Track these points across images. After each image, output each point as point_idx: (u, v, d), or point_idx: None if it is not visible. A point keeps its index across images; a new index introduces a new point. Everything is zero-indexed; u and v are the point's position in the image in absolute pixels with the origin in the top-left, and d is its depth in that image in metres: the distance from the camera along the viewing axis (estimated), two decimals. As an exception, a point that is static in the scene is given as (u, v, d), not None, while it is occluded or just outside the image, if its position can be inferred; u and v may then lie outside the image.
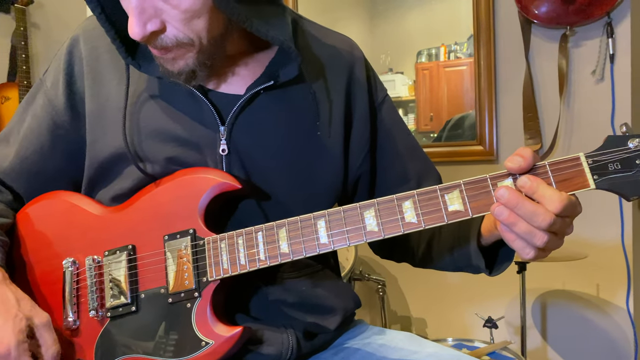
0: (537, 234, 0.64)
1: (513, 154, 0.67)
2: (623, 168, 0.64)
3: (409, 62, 2.23)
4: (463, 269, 0.89)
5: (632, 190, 0.64)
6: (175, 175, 0.83)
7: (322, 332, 0.89)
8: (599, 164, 0.65)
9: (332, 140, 0.88)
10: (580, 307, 1.98)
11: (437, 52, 2.18)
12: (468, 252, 0.83)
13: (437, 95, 2.17)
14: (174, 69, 0.77)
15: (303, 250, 0.74)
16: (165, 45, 0.73)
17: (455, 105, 2.14)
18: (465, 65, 2.10)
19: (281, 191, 0.85)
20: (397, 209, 0.71)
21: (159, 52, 0.75)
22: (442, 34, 2.17)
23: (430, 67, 2.19)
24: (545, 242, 0.65)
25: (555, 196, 0.64)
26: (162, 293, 0.79)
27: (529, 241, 0.65)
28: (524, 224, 0.64)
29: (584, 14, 1.83)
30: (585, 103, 1.90)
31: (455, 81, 2.14)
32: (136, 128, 0.83)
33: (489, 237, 0.80)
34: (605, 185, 0.65)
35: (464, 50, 2.12)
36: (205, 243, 0.78)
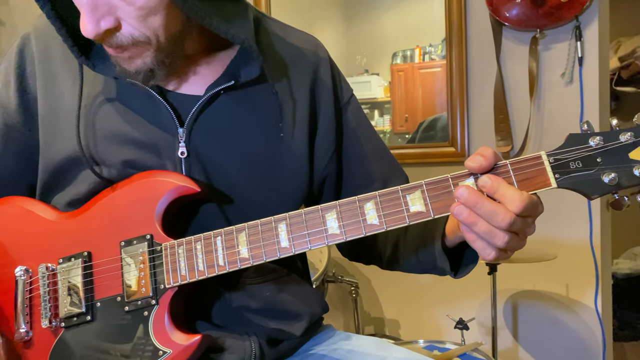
0: (498, 234, 0.64)
1: (474, 154, 0.66)
2: (584, 166, 0.64)
3: (384, 63, 2.23)
4: (429, 271, 0.88)
5: (593, 189, 0.64)
6: (132, 179, 0.80)
7: (287, 338, 0.87)
8: (561, 163, 0.65)
9: (296, 141, 0.86)
10: (550, 307, 2.00)
11: (412, 53, 2.18)
12: (433, 254, 0.82)
13: (412, 97, 2.17)
14: (130, 68, 0.74)
15: (263, 255, 0.72)
16: (120, 43, 0.71)
17: (430, 107, 2.15)
18: (439, 67, 2.11)
19: (244, 194, 0.82)
20: (359, 211, 0.69)
21: (114, 50, 0.72)
22: (416, 36, 2.18)
23: (405, 68, 2.20)
24: (505, 242, 0.64)
25: (516, 196, 0.63)
26: (119, 301, 0.76)
27: (489, 241, 0.64)
28: (484, 224, 0.63)
29: (554, 17, 1.85)
30: (555, 105, 1.92)
31: (429, 83, 2.15)
32: (91, 130, 0.80)
33: (453, 238, 0.79)
34: (567, 184, 0.64)
35: (438, 52, 2.13)
36: (163, 249, 0.76)
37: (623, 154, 0.63)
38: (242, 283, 0.83)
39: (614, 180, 0.62)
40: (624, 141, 0.63)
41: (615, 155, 0.63)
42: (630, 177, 0.62)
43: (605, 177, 0.63)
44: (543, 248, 1.73)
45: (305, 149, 0.87)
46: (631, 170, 0.62)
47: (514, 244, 0.65)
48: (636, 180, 0.62)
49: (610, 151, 0.63)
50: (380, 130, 2.25)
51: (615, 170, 0.63)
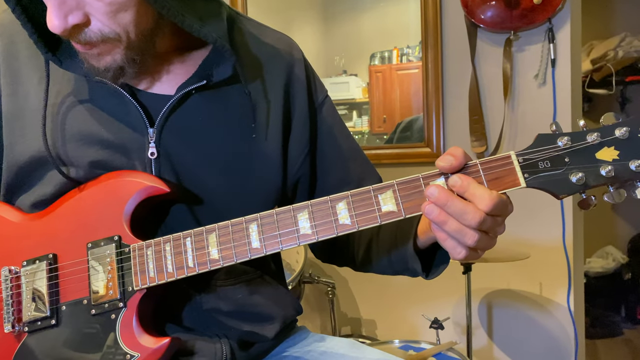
0: (468, 233, 0.64)
1: (445, 153, 0.66)
2: (553, 166, 0.65)
3: (362, 64, 2.24)
4: (401, 273, 0.88)
5: (561, 188, 0.64)
6: (100, 180, 0.78)
7: (259, 341, 0.86)
8: (530, 162, 0.65)
9: (269, 142, 0.85)
10: (524, 305, 2.03)
11: (390, 55, 2.19)
12: (405, 255, 0.82)
13: (390, 98, 2.18)
14: (99, 65, 0.72)
15: (234, 256, 0.71)
16: (89, 40, 0.68)
17: (407, 108, 2.16)
18: (416, 69, 2.12)
19: (215, 195, 0.81)
20: (330, 211, 0.69)
21: (82, 47, 0.70)
22: (394, 37, 2.19)
23: (384, 69, 2.20)
24: (475, 241, 0.64)
25: (485, 194, 0.63)
26: (85, 304, 0.75)
27: (459, 240, 0.64)
28: (454, 223, 0.64)
29: (527, 20, 1.87)
30: (529, 106, 1.95)
31: (407, 84, 2.16)
32: (58, 130, 0.78)
33: (425, 239, 0.79)
34: (536, 183, 0.65)
35: (415, 54, 2.14)
36: (131, 250, 0.74)
37: (590, 154, 0.64)
38: (213, 285, 0.81)
39: (581, 180, 0.63)
40: (590, 141, 0.64)
41: (582, 155, 0.64)
42: (596, 177, 0.63)
43: (573, 176, 0.63)
44: (517, 247, 1.75)
45: (279, 150, 0.86)
46: (598, 170, 0.63)
47: (484, 243, 0.66)
48: (602, 179, 0.63)
49: (577, 151, 0.64)
50: (359, 131, 2.26)
51: (582, 170, 0.63)
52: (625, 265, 3.48)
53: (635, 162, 0.62)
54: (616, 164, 0.63)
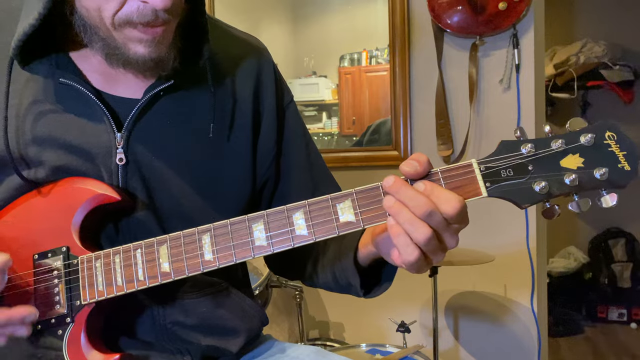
0: (420, 226, 0.61)
1: (409, 158, 0.64)
2: (515, 174, 0.62)
3: (332, 65, 2.23)
4: (345, 290, 0.84)
5: (524, 198, 0.62)
6: (50, 187, 0.74)
7: (223, 355, 0.83)
8: (492, 171, 0.63)
9: (233, 142, 0.83)
10: (489, 307, 2.05)
11: (359, 57, 2.19)
12: (347, 271, 0.80)
13: (360, 100, 2.18)
14: (162, 51, 0.71)
15: (185, 269, 0.68)
16: (175, 11, 0.69)
17: (376, 110, 2.16)
18: (385, 71, 2.13)
19: (185, 202, 0.78)
20: (287, 221, 0.67)
21: (162, 29, 0.69)
22: (363, 39, 2.19)
23: (353, 71, 2.20)
24: (427, 238, 0.61)
25: (451, 196, 0.61)
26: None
27: (411, 234, 0.61)
28: (407, 212, 0.61)
29: (492, 25, 1.89)
30: (494, 110, 1.97)
31: (376, 86, 2.16)
32: (20, 132, 0.74)
33: (366, 254, 0.77)
34: (498, 192, 0.63)
35: (384, 56, 2.14)
36: (79, 262, 0.71)
37: (554, 161, 0.62)
38: (177, 297, 0.78)
39: (544, 189, 0.61)
40: (555, 148, 0.62)
41: (546, 163, 0.62)
42: (560, 186, 0.61)
43: (536, 185, 0.62)
44: (482, 250, 1.76)
45: (248, 150, 0.84)
46: (562, 179, 0.61)
47: (433, 246, 0.62)
48: (566, 188, 0.61)
49: (541, 159, 0.62)
50: (328, 132, 2.25)
51: (545, 179, 0.61)
52: (586, 264, 3.57)
53: (600, 170, 0.60)
54: (581, 172, 0.61)
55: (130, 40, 0.69)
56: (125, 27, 0.68)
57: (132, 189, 0.76)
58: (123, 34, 0.69)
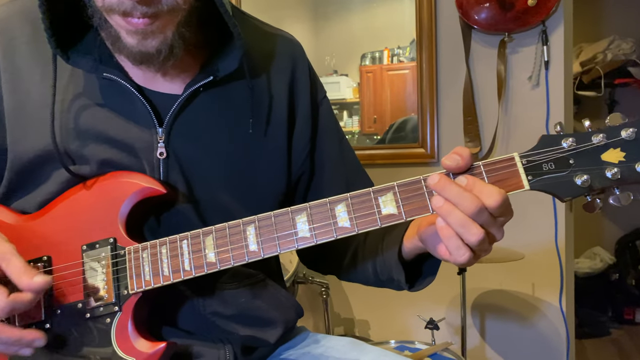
0: (472, 227, 0.61)
1: (451, 152, 0.65)
2: (557, 168, 0.63)
3: (353, 64, 2.23)
4: (386, 284, 0.86)
5: (566, 191, 0.63)
6: (96, 181, 0.76)
7: (261, 345, 0.85)
8: (533, 164, 0.64)
9: (270, 138, 0.84)
10: (516, 306, 2.04)
11: (380, 55, 2.19)
12: (390, 265, 0.81)
13: (381, 98, 2.18)
14: (152, 46, 0.69)
15: (231, 259, 0.70)
16: (159, 9, 0.66)
17: (398, 109, 2.16)
18: (407, 69, 2.12)
19: (222, 195, 0.80)
20: (329, 213, 0.68)
21: (145, 21, 0.66)
22: (385, 38, 2.18)
23: (374, 70, 2.20)
24: (479, 240, 0.62)
25: (494, 190, 0.62)
26: (80, 308, 0.73)
27: (463, 236, 0.62)
28: (459, 214, 0.61)
29: (521, 22, 1.88)
30: (522, 108, 1.95)
31: (398, 84, 2.15)
32: (66, 127, 0.76)
33: (411, 247, 0.77)
34: (539, 185, 0.64)
35: (406, 54, 2.14)
36: (126, 253, 0.73)
37: (595, 155, 0.63)
38: (217, 288, 0.80)
39: (586, 182, 0.62)
40: (596, 143, 0.63)
41: (587, 157, 0.63)
42: (602, 179, 0.62)
43: (578, 179, 0.62)
44: (510, 248, 1.75)
45: (284, 146, 0.86)
46: (603, 172, 0.62)
47: (485, 245, 0.64)
48: (608, 182, 0.62)
49: (582, 153, 0.63)
50: (349, 131, 2.25)
51: (587, 172, 0.62)
52: (613, 265, 3.51)
53: (642, 164, 0.61)
54: (622, 166, 0.62)
55: (122, 28, 0.69)
56: (114, 14, 0.67)
57: (173, 182, 0.78)
58: (114, 20, 0.68)
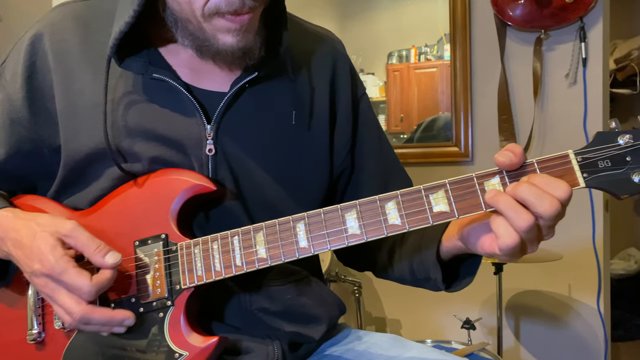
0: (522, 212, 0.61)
1: (504, 149, 0.64)
2: (613, 165, 0.62)
3: (380, 63, 2.23)
4: (422, 283, 0.85)
5: (622, 189, 0.62)
6: (147, 178, 0.78)
7: (307, 342, 0.85)
8: (589, 162, 0.63)
9: (313, 131, 0.85)
10: (552, 307, 2.00)
11: (407, 53, 2.18)
12: (427, 264, 0.80)
13: (408, 97, 2.17)
14: (249, 40, 0.74)
15: (281, 255, 0.70)
16: (261, 1, 0.71)
17: (425, 107, 2.14)
18: (435, 68, 2.11)
19: (268, 191, 0.81)
20: (379, 211, 0.68)
21: (248, 16, 0.71)
22: (412, 36, 2.17)
23: (401, 68, 2.19)
24: (529, 225, 0.60)
25: (562, 183, 0.61)
26: (133, 302, 0.75)
27: (514, 221, 0.61)
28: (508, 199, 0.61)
29: (558, 18, 1.85)
30: (559, 106, 1.92)
31: (425, 83, 2.14)
32: (117, 125, 0.78)
33: (450, 248, 0.77)
34: (595, 183, 0.63)
35: (434, 53, 2.12)
36: (178, 249, 0.74)
37: None
38: (263, 285, 0.81)
39: (644, 180, 0.61)
40: (655, 140, 0.61)
41: (645, 154, 0.61)
42: (660, 177, 0.61)
43: (636, 176, 0.61)
44: (548, 248, 1.72)
45: (326, 142, 0.87)
46: (661, 170, 0.61)
47: (533, 235, 0.62)
48: (667, 180, 0.61)
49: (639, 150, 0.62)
50: (376, 130, 2.25)
51: (645, 170, 0.61)
52: (648, 267, 3.42)
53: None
54: (682, 164, 0.60)
55: (219, 31, 0.72)
56: (214, 18, 0.70)
57: (221, 178, 0.79)
58: (212, 24, 0.71)
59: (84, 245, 0.71)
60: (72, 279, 0.68)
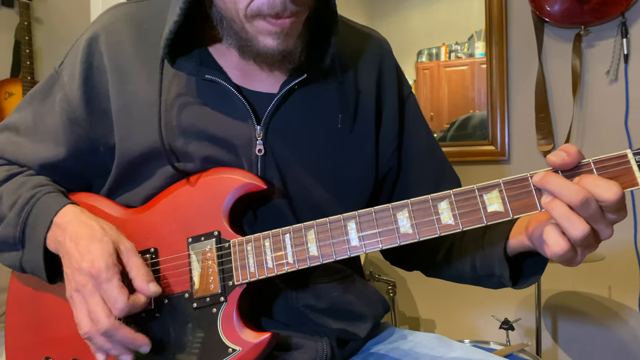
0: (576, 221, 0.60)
1: (558, 149, 0.64)
2: None
3: (409, 61, 2.22)
4: (483, 281, 0.85)
5: None
6: (199, 176, 0.80)
7: (353, 339, 0.86)
8: None
9: (359, 133, 0.86)
10: (591, 309, 1.96)
11: (437, 51, 2.16)
12: (492, 260, 0.80)
13: (438, 95, 2.15)
14: (291, 46, 0.74)
15: (333, 254, 0.71)
16: (306, 6, 0.71)
17: (455, 105, 2.13)
18: (466, 66, 2.09)
19: (314, 191, 0.82)
20: (432, 210, 0.68)
21: (290, 21, 0.71)
22: (442, 34, 2.16)
23: (431, 66, 2.18)
24: (583, 235, 0.60)
25: (612, 184, 0.60)
26: (187, 298, 0.77)
27: (567, 230, 0.61)
28: (563, 207, 0.60)
29: (599, 14, 1.81)
30: (599, 104, 1.88)
31: (456, 81, 2.12)
32: (170, 125, 0.80)
33: (516, 246, 0.77)
34: None
35: (464, 50, 2.10)
36: (231, 245, 0.76)
37: None
38: (309, 282, 0.82)
39: None
40: None
41: None
42: None
43: (697, 177, 0.60)
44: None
45: (372, 142, 0.87)
46: None
47: (589, 240, 0.62)
48: None
49: (703, 150, 0.61)
50: (405, 129, 2.24)
51: None
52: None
53: None
54: None
55: (260, 33, 0.72)
56: (256, 19, 0.71)
57: (269, 178, 0.80)
58: (254, 26, 0.72)
59: (136, 266, 0.73)
60: (113, 289, 0.69)
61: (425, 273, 0.96)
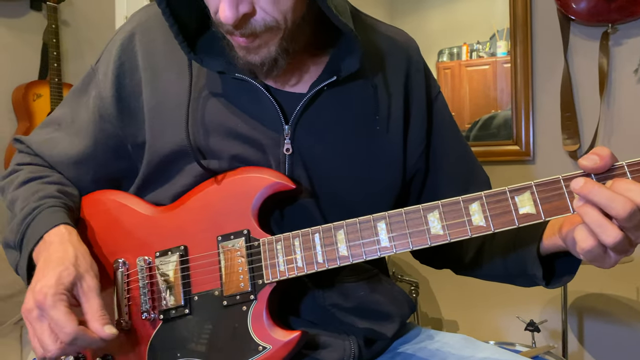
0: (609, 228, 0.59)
1: (590, 152, 0.63)
2: None
3: (430, 61, 2.21)
4: (514, 279, 0.85)
5: None
6: (227, 175, 0.81)
7: (380, 339, 0.86)
8: None
9: (391, 134, 0.86)
10: (619, 311, 1.93)
11: (458, 51, 2.15)
12: (524, 260, 0.80)
13: (459, 95, 2.14)
14: (255, 60, 0.74)
15: (363, 254, 0.71)
16: (253, 30, 0.70)
17: (477, 105, 2.11)
18: (487, 65, 2.07)
19: (342, 191, 0.82)
20: (463, 212, 0.68)
21: (245, 40, 0.71)
22: (463, 33, 2.14)
23: (452, 66, 2.16)
24: (616, 241, 0.59)
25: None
26: (217, 295, 0.78)
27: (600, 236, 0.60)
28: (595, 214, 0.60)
29: (627, 12, 1.78)
30: (626, 103, 1.85)
31: (477, 80, 2.11)
32: (199, 124, 0.81)
33: (550, 246, 0.76)
34: None
35: (486, 50, 2.08)
36: (261, 244, 0.76)
37: None
38: (336, 281, 0.82)
39: None
40: None
41: None
42: None
43: None
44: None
45: (400, 143, 0.87)
46: None
47: (624, 246, 0.61)
48: None
49: None
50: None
51: None
52: None
53: None
54: None
55: (234, 42, 0.73)
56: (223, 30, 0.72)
57: (297, 177, 0.81)
58: (226, 35, 0.73)
59: (92, 308, 0.72)
60: (60, 316, 0.68)
61: (455, 271, 0.96)
